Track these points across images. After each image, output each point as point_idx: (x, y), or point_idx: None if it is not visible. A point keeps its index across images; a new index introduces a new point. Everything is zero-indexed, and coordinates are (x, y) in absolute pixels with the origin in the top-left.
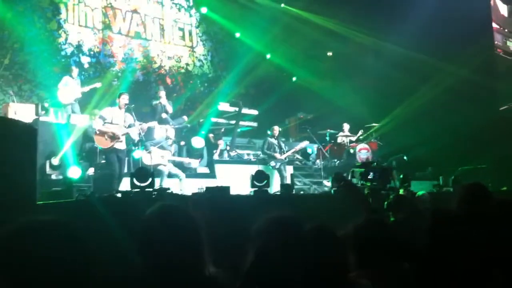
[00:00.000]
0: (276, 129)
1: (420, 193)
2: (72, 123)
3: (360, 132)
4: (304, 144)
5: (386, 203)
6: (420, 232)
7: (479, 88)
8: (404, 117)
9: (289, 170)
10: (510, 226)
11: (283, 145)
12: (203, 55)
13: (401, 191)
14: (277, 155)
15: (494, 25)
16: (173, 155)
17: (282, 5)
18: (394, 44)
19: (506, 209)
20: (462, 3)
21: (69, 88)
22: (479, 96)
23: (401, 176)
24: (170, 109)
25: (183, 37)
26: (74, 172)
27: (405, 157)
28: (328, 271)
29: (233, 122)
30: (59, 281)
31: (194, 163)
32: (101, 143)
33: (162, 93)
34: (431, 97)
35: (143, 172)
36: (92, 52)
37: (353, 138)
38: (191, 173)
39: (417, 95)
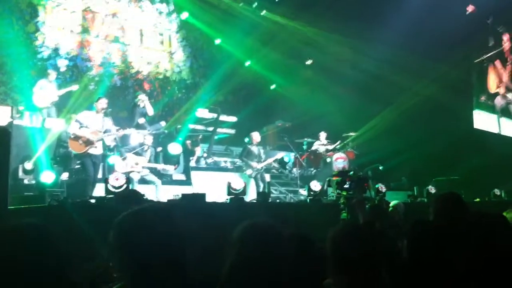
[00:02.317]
0: (255, 136)
1: (394, 203)
2: (47, 127)
3: (338, 142)
4: (280, 155)
5: None
6: (395, 241)
7: (454, 100)
8: (381, 127)
9: (266, 178)
10: (487, 238)
11: (262, 153)
12: (182, 61)
13: (376, 201)
14: (254, 164)
15: None
16: (149, 161)
17: (263, 12)
18: (373, 54)
19: (484, 221)
20: (439, 16)
21: (45, 92)
22: (454, 108)
23: (377, 186)
24: (151, 111)
25: (162, 43)
26: (47, 177)
27: (380, 167)
28: (304, 278)
29: (210, 129)
30: (30, 282)
31: (169, 168)
32: (75, 147)
33: (142, 96)
34: (407, 108)
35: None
36: (69, 56)
37: (330, 147)
38: (167, 180)
39: (394, 106)
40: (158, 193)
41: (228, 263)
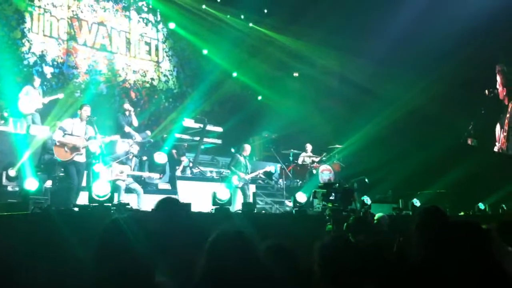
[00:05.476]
0: (247, 148)
1: (378, 215)
2: (32, 134)
3: (323, 154)
4: (269, 168)
5: (346, 224)
6: (379, 253)
7: (441, 114)
8: (367, 140)
9: (251, 189)
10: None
11: (248, 164)
12: (168, 70)
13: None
14: (242, 174)
15: None
16: (133, 169)
17: (250, 24)
18: (360, 67)
19: (464, 230)
20: (426, 29)
21: (30, 98)
22: (441, 122)
23: (362, 198)
24: (135, 122)
25: (149, 52)
26: (31, 184)
27: (366, 180)
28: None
29: (197, 138)
30: None
31: (154, 176)
32: (61, 155)
33: (127, 106)
34: (393, 120)
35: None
36: (55, 63)
37: (316, 159)
38: (152, 189)
39: (380, 119)
40: (140, 202)
41: (199, 270)
